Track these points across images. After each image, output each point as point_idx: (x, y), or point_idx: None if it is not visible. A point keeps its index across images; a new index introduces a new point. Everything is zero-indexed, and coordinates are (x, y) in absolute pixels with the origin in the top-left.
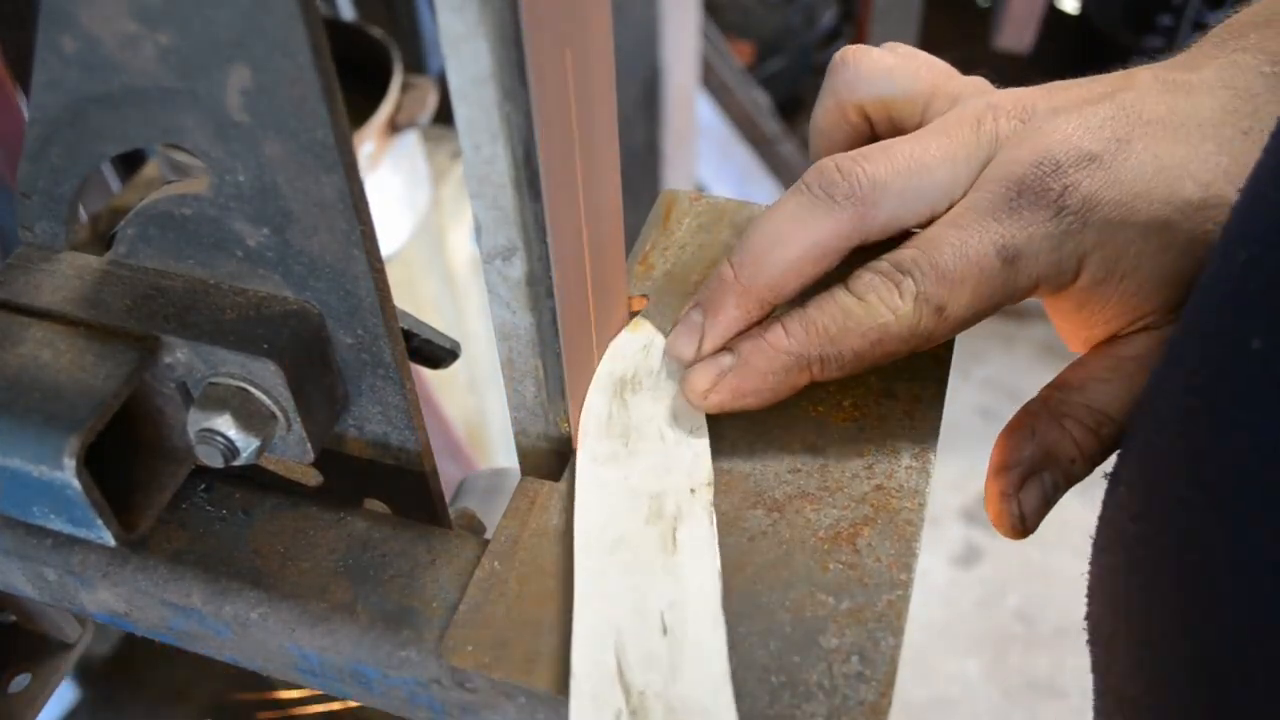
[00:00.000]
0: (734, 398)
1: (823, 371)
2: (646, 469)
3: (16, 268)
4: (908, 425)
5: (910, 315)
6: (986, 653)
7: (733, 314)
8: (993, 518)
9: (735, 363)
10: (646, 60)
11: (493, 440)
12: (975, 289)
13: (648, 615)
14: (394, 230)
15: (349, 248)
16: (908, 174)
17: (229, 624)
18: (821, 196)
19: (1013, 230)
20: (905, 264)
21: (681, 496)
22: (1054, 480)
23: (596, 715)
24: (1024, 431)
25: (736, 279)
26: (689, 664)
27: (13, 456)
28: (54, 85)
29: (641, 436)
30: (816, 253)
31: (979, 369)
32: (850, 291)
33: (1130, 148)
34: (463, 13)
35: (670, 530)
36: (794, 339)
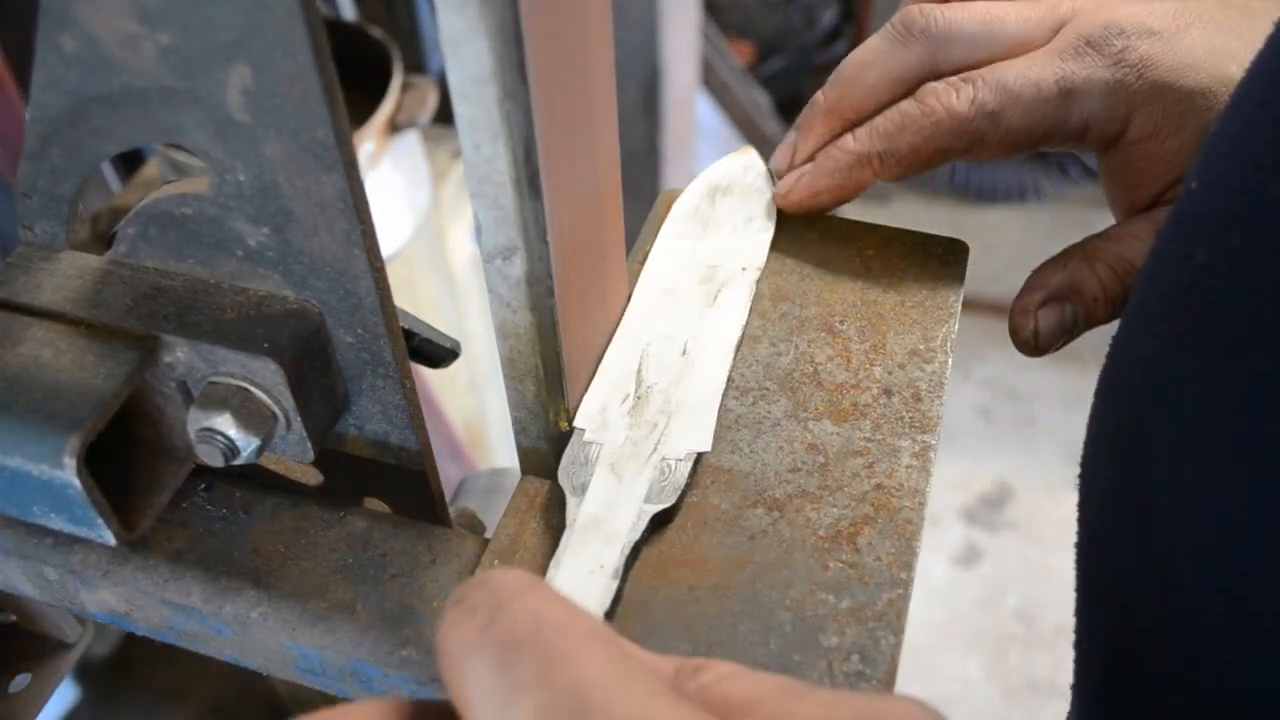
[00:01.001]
0: (809, 194)
1: (882, 167)
2: (713, 247)
3: (16, 267)
4: (908, 425)
5: (964, 114)
6: (986, 653)
7: (819, 130)
8: (1011, 329)
9: (811, 166)
10: (646, 60)
11: (493, 440)
12: (1030, 106)
13: (675, 340)
14: (394, 230)
15: (349, 247)
16: (982, 23)
17: (229, 623)
18: (901, 32)
19: (1073, 68)
20: (970, 76)
21: (733, 271)
22: (1074, 311)
23: (609, 394)
24: (1057, 264)
25: (825, 100)
26: (694, 378)
27: (13, 456)
28: (54, 85)
29: (717, 226)
30: (892, 79)
31: (979, 369)
32: (914, 98)
33: (1188, 32)
34: (463, 12)
35: (715, 291)
36: (859, 140)
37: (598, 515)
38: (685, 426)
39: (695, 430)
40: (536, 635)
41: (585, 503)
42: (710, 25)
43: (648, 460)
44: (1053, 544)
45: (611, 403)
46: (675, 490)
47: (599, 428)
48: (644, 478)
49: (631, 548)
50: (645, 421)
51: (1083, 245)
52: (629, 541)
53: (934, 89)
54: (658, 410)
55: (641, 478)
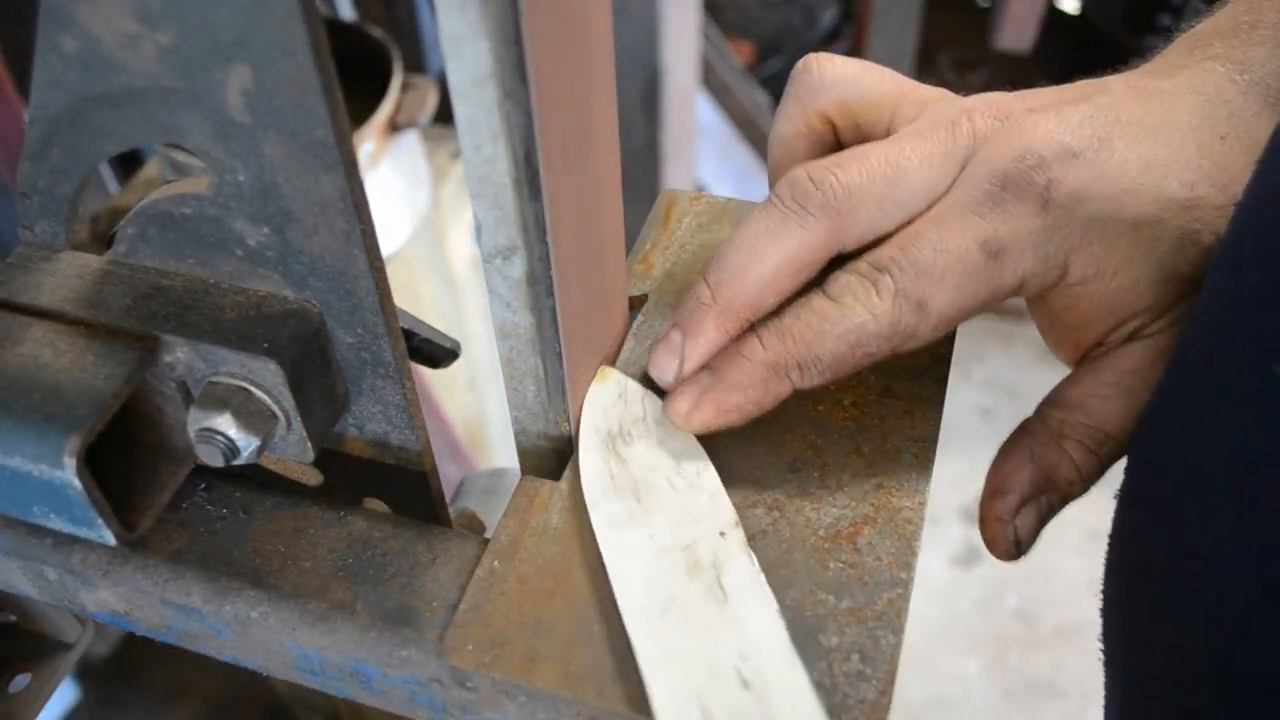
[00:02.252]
0: (716, 414)
1: (803, 379)
2: (668, 523)
3: (16, 267)
4: (908, 424)
5: (889, 313)
6: (986, 653)
7: (711, 334)
8: (987, 541)
9: (713, 380)
10: (646, 60)
11: (493, 440)
12: (957, 284)
13: (723, 673)
14: (394, 230)
15: (349, 247)
16: (884, 180)
17: (229, 623)
18: (795, 209)
19: (996, 224)
20: (883, 262)
21: (714, 543)
22: (1050, 503)
23: None
24: (1021, 454)
25: (714, 299)
26: (781, 713)
27: (13, 456)
28: (54, 85)
29: (651, 490)
30: (793, 267)
31: (979, 369)
32: (826, 295)
33: (1112, 146)
34: (463, 12)
35: (714, 580)
36: (770, 349)
37: None
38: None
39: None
40: None
41: None
42: (710, 25)
43: None
44: (1053, 544)
45: None
46: None
47: None
48: None
49: None
50: None
51: (1044, 421)
52: None
53: (849, 285)
54: None
55: None
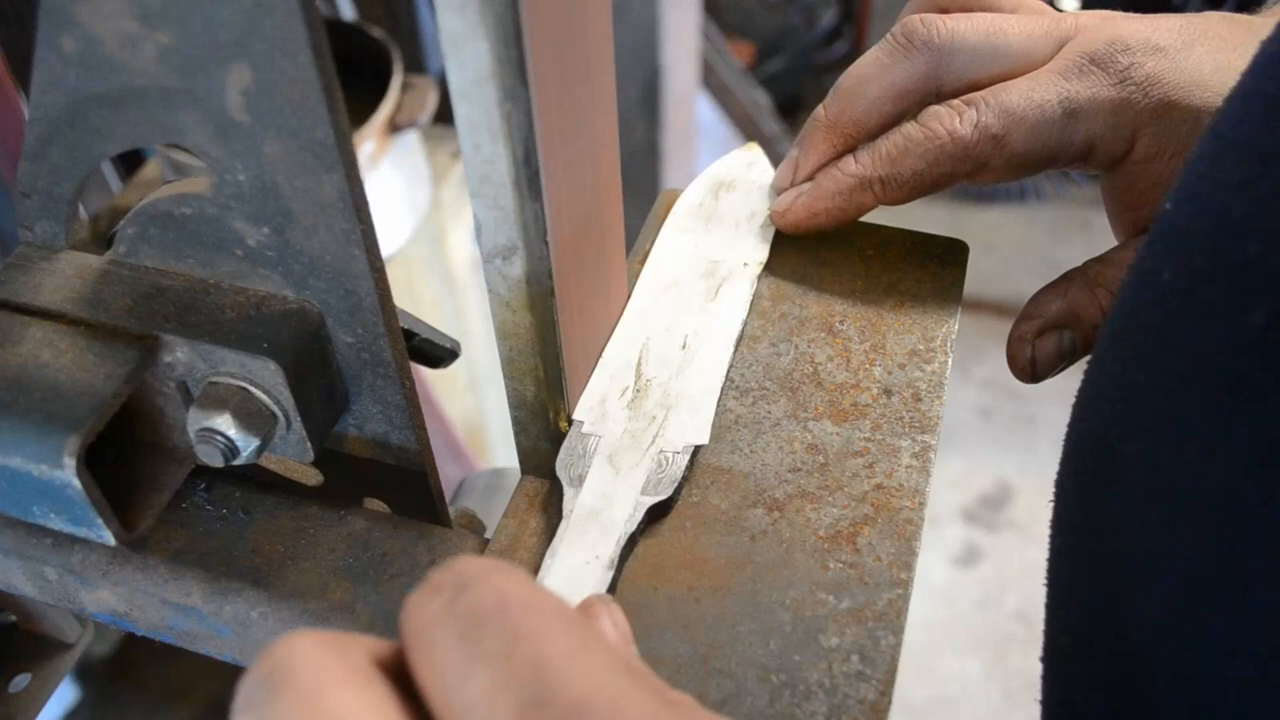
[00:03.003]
0: (808, 215)
1: (884, 192)
2: (715, 242)
3: (16, 267)
4: (907, 425)
5: (967, 138)
6: (986, 653)
7: (821, 147)
8: (1009, 359)
9: (811, 186)
10: (646, 60)
11: (493, 440)
12: (1034, 128)
13: (675, 333)
14: (394, 230)
15: (349, 247)
16: (985, 34)
17: (229, 623)
18: (903, 43)
19: (1078, 88)
20: (973, 98)
21: (735, 266)
22: (1073, 339)
23: (609, 386)
24: (1057, 290)
25: (826, 116)
26: (693, 371)
27: (13, 456)
28: (54, 85)
29: (719, 222)
30: (894, 92)
31: (979, 369)
32: (917, 122)
33: (1194, 48)
34: (463, 12)
35: (717, 285)
36: (860, 163)
37: (594, 506)
38: (684, 420)
39: (694, 423)
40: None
41: (582, 494)
42: (710, 25)
43: (645, 452)
44: None
45: (611, 395)
46: (672, 482)
47: (598, 420)
48: (641, 469)
49: (628, 539)
50: (644, 414)
51: (1084, 270)
52: (625, 532)
53: (937, 112)
54: (657, 403)
55: (639, 470)
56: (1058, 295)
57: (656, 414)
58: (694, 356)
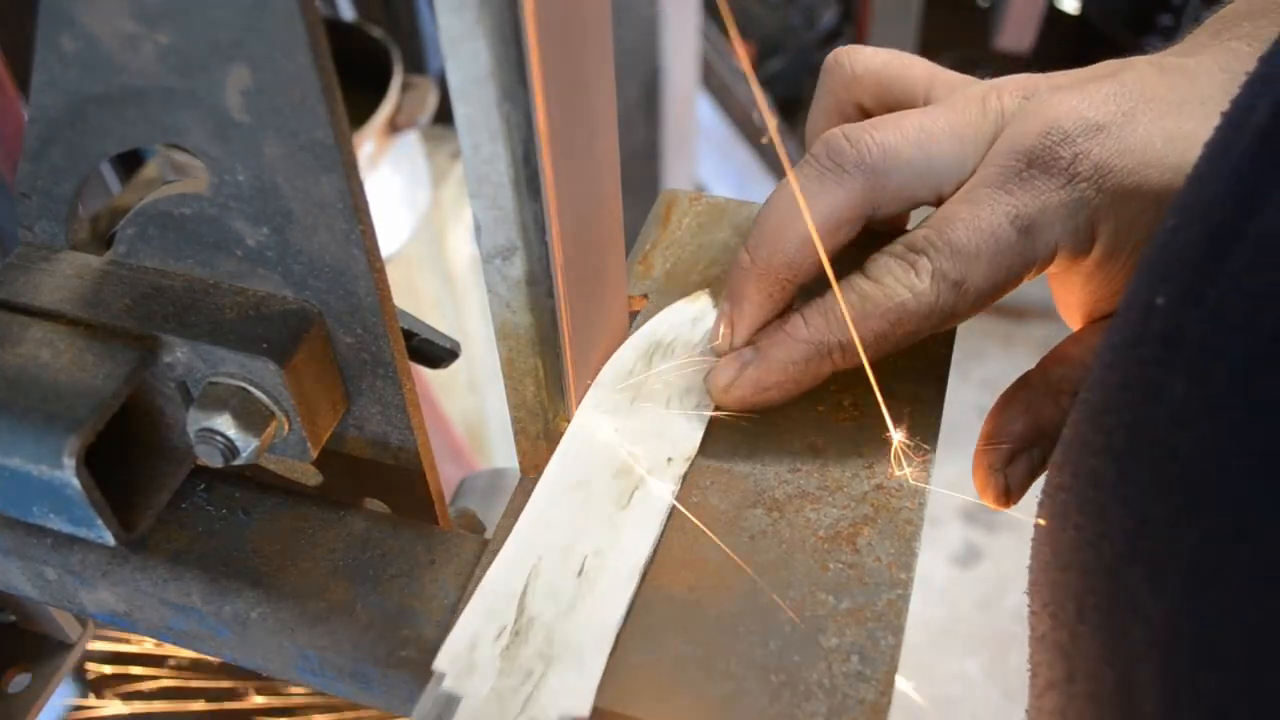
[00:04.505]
0: (755, 391)
1: (844, 359)
2: (638, 428)
3: (16, 267)
4: (908, 425)
5: (928, 293)
6: (986, 653)
7: (755, 299)
8: (978, 487)
9: (756, 356)
10: (646, 60)
11: (493, 440)
12: (992, 261)
13: (572, 555)
14: (394, 230)
15: (349, 247)
16: (917, 144)
17: (229, 623)
18: (830, 166)
19: (1025, 200)
20: (919, 244)
21: (657, 462)
22: (1042, 454)
23: (483, 625)
24: (1017, 406)
25: (754, 263)
26: (587, 610)
27: (13, 456)
28: (54, 85)
29: (649, 397)
30: (830, 225)
31: (979, 369)
32: (866, 276)
33: (1136, 120)
34: (463, 13)
35: (631, 489)
36: (813, 327)
37: None
38: (565, 680)
39: (575, 687)
40: None
41: None
42: (710, 25)
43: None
44: None
45: (484, 637)
46: None
47: (463, 672)
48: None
49: None
50: (519, 668)
51: (1043, 376)
52: None
53: (888, 266)
54: (536, 653)
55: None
56: (1020, 412)
57: (534, 668)
58: (591, 588)
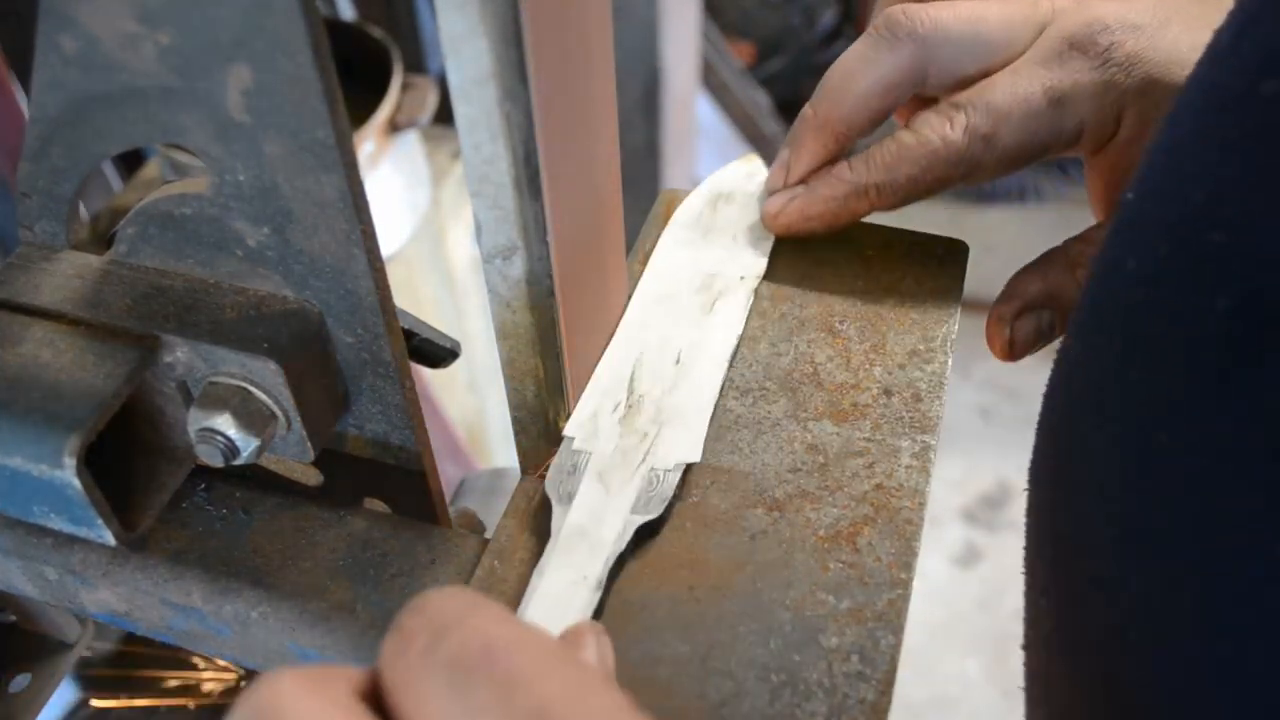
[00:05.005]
0: (801, 219)
1: (879, 198)
2: (712, 255)
3: (17, 267)
4: (907, 425)
5: (959, 141)
6: (986, 653)
7: (812, 146)
8: (988, 338)
9: (805, 190)
10: (646, 60)
11: (493, 440)
12: (1023, 123)
13: (669, 348)
14: (394, 230)
15: (349, 247)
16: (968, 22)
17: (229, 623)
18: (887, 36)
19: (1060, 75)
20: (960, 101)
21: (731, 280)
22: (1051, 318)
23: (601, 401)
24: (1037, 271)
25: (814, 115)
26: (686, 387)
27: (13, 456)
28: (54, 85)
29: (718, 233)
30: (881, 86)
31: (979, 369)
32: (908, 128)
33: (1170, 26)
34: (463, 12)
35: (712, 300)
36: (855, 170)
37: (583, 525)
38: (675, 437)
39: (685, 441)
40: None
41: (571, 512)
42: (710, 25)
43: (636, 470)
44: None
45: (603, 410)
46: (662, 501)
47: (589, 436)
48: (632, 488)
49: (616, 558)
50: (636, 430)
51: (1065, 250)
52: (614, 553)
53: (928, 118)
54: (649, 419)
55: (629, 488)
56: (1038, 276)
57: (648, 430)
58: (688, 373)
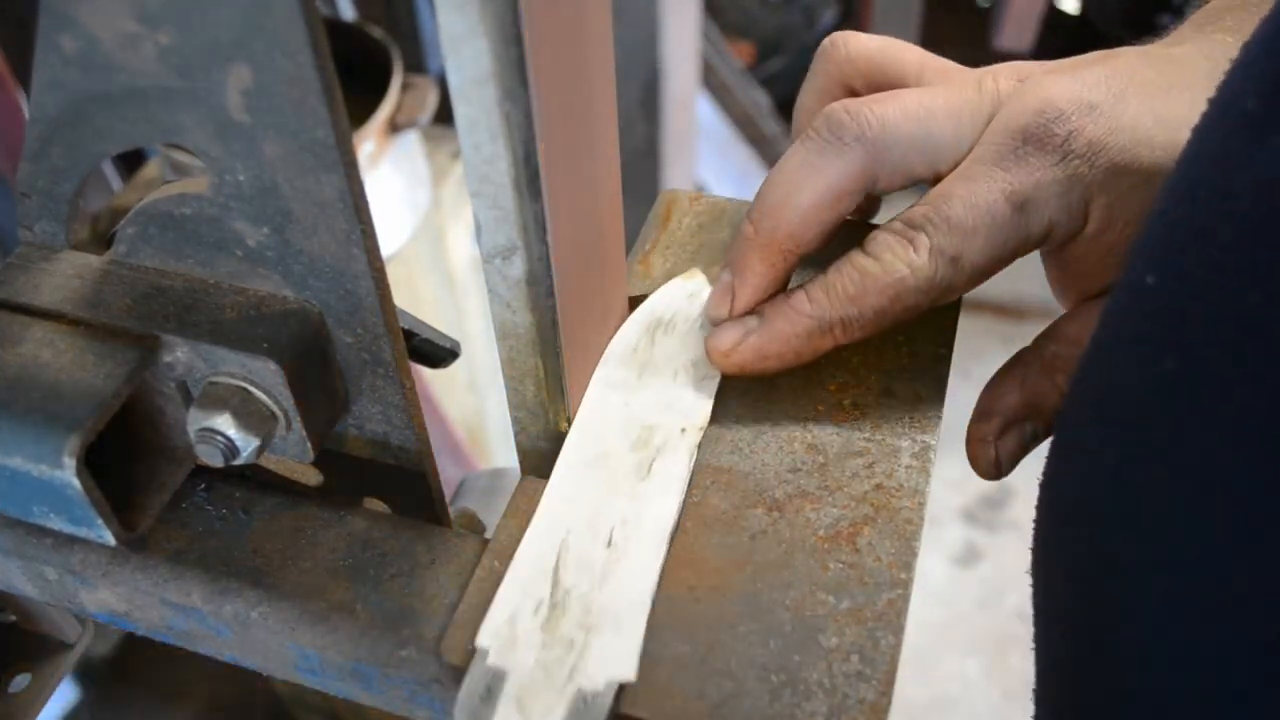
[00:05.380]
0: (756, 359)
1: (845, 333)
2: (649, 402)
3: (17, 267)
4: (907, 425)
5: (926, 268)
6: (986, 653)
7: (758, 268)
8: (971, 460)
9: (760, 325)
10: (646, 60)
11: (493, 440)
12: (988, 236)
13: (599, 527)
14: (394, 230)
15: (349, 247)
16: (916, 119)
17: (229, 623)
18: (831, 139)
19: (1020, 177)
20: (916, 220)
21: (671, 433)
22: (1034, 430)
23: (520, 600)
24: (1012, 381)
25: (756, 234)
26: (619, 578)
27: (13, 456)
28: (54, 85)
29: (656, 373)
30: (830, 197)
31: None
32: (866, 253)
33: (1127, 100)
34: (463, 12)
35: (650, 460)
36: (815, 303)
37: None
38: (607, 646)
39: (617, 652)
40: None
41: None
42: (710, 25)
43: (561, 693)
44: None
45: (522, 612)
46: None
47: (505, 647)
48: (556, 717)
49: None
50: (561, 638)
51: (1038, 353)
52: None
53: (887, 243)
54: (575, 624)
55: (553, 717)
56: (1014, 386)
57: (575, 637)
58: (621, 557)
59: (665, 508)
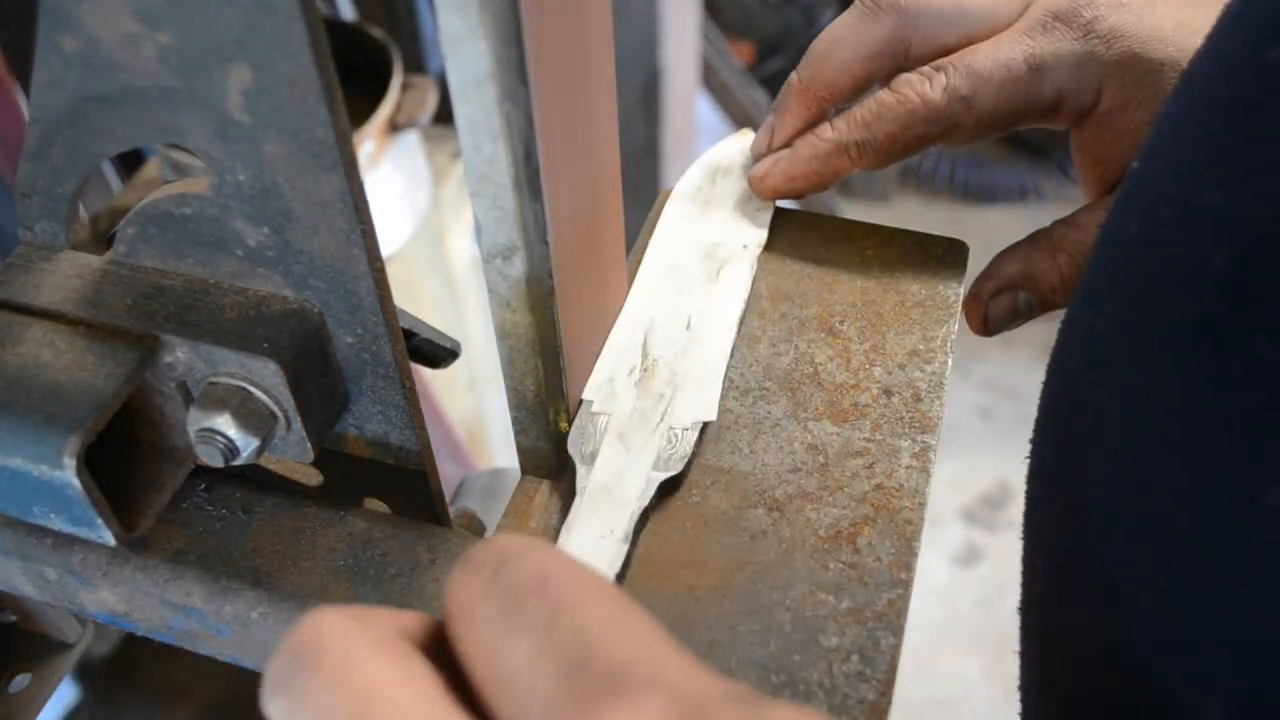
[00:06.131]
0: (785, 181)
1: (860, 156)
2: (714, 226)
3: (16, 267)
4: (907, 425)
5: (938, 101)
6: (986, 653)
7: (796, 111)
8: (964, 314)
9: (788, 153)
10: (646, 60)
11: (493, 440)
12: (1001, 87)
13: (678, 314)
14: (394, 230)
15: (349, 247)
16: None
17: (229, 623)
18: (870, 7)
19: (1041, 44)
20: (942, 64)
21: (734, 248)
22: (1028, 299)
23: (616, 366)
24: (1019, 252)
25: (799, 80)
26: (697, 352)
27: (13, 456)
28: (54, 85)
29: (717, 205)
30: (864, 54)
31: (979, 369)
32: (889, 89)
33: (1156, 5)
34: (463, 12)
35: (717, 268)
36: (836, 129)
37: (607, 483)
38: (691, 398)
39: (701, 401)
40: (541, 585)
41: (595, 471)
42: (710, 25)
43: (655, 430)
44: None
45: (619, 375)
46: (682, 459)
47: (606, 399)
48: (651, 446)
49: (640, 514)
50: (652, 393)
51: (1049, 233)
52: (638, 508)
53: (908, 78)
54: (664, 382)
55: (649, 447)
56: (1018, 257)
57: (664, 392)
58: (698, 337)
59: (734, 301)
